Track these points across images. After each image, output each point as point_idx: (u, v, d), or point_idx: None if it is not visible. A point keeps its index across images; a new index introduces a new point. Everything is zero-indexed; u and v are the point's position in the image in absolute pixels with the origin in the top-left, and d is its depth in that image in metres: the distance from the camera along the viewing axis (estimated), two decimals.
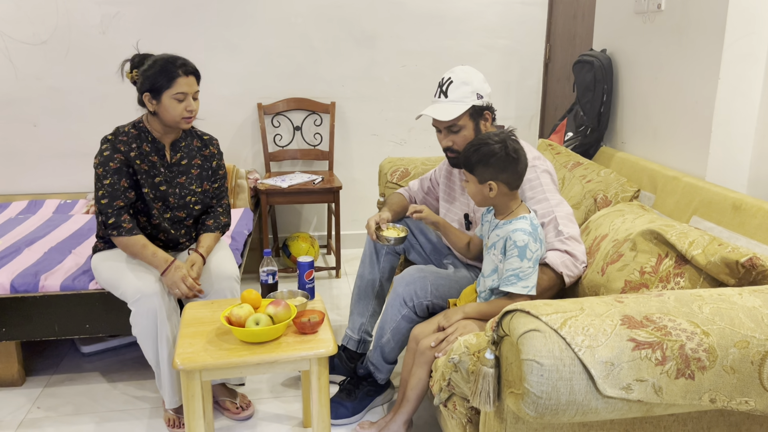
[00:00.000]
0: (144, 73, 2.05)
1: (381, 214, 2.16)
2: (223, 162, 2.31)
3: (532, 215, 1.79)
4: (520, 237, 1.71)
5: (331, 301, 3.16)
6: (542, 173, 1.95)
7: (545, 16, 3.74)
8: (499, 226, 1.79)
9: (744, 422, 1.37)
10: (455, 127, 1.97)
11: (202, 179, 2.24)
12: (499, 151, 1.70)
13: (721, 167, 2.06)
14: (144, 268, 2.08)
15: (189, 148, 2.23)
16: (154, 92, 2.04)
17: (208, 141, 2.28)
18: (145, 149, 2.13)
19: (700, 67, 2.07)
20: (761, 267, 1.41)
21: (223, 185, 2.31)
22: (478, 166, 1.73)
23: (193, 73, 2.09)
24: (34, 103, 3.37)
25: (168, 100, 2.04)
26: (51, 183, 3.49)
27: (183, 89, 2.04)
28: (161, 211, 2.16)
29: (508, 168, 1.72)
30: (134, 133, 2.13)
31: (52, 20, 3.28)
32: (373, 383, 2.18)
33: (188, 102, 2.07)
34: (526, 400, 1.17)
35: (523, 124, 3.90)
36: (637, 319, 1.22)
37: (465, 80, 1.97)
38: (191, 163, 2.22)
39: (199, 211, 2.25)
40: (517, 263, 1.71)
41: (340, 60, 3.61)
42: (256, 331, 1.70)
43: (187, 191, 2.20)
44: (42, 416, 2.20)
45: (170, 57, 2.07)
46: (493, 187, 1.74)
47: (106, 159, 2.07)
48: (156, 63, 2.05)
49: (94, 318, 2.25)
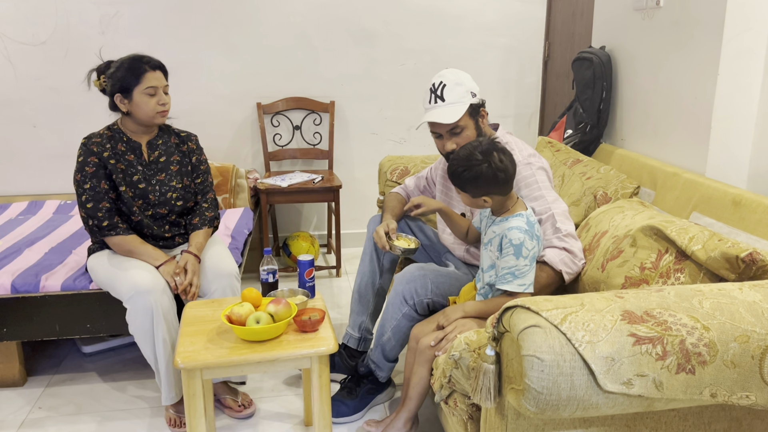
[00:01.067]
0: (111, 75, 2.09)
1: (389, 223, 2.14)
2: (204, 157, 2.32)
3: (528, 212, 1.78)
4: (516, 235, 1.71)
5: (332, 299, 3.17)
6: (537, 170, 1.95)
7: (544, 13, 3.74)
8: (495, 223, 1.79)
9: (745, 417, 1.37)
10: (458, 128, 1.97)
11: (182, 175, 2.25)
12: (486, 171, 1.69)
13: (720, 163, 2.06)
14: (138, 265, 2.08)
15: (167, 146, 2.24)
16: (125, 91, 2.07)
17: (185, 137, 2.29)
18: (120, 149, 2.15)
19: (700, 64, 2.07)
20: (761, 262, 1.41)
21: (206, 180, 2.31)
22: (468, 186, 1.75)
23: (159, 68, 2.11)
24: (34, 103, 3.37)
25: (139, 96, 2.07)
26: (51, 184, 3.49)
27: (152, 83, 2.07)
28: (142, 209, 2.17)
29: (497, 184, 1.73)
30: (108, 134, 2.16)
31: (51, 21, 3.28)
32: (374, 381, 2.18)
33: (160, 96, 2.10)
34: (527, 396, 1.18)
35: (523, 121, 3.91)
36: (637, 315, 1.22)
37: (457, 81, 1.97)
38: (170, 160, 2.23)
39: (182, 207, 2.24)
40: (513, 261, 1.71)
41: (339, 59, 3.61)
42: (257, 329, 1.70)
43: (167, 188, 2.20)
44: (43, 416, 2.20)
45: (134, 55, 2.11)
46: (487, 200, 1.76)
47: (81, 164, 2.09)
48: (122, 64, 2.09)
49: (95, 318, 2.25)
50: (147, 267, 2.08)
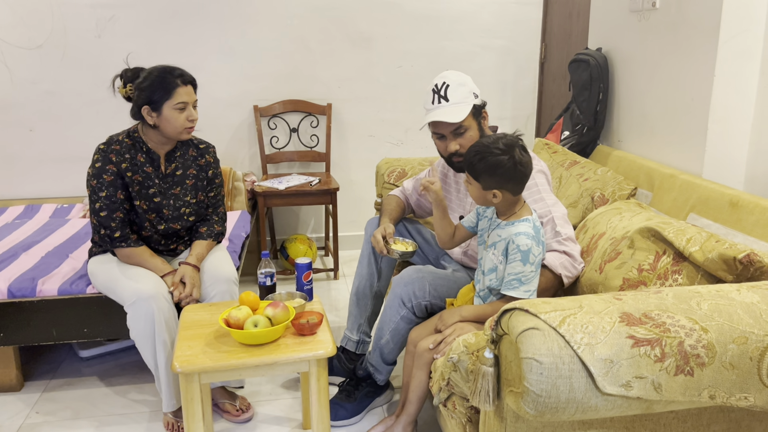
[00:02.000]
0: (140, 86, 2.03)
1: (386, 227, 2.13)
2: (219, 170, 2.30)
3: (534, 217, 1.75)
4: (524, 241, 1.68)
5: (330, 302, 3.16)
6: (537, 173, 1.95)
7: (540, 15, 3.75)
8: (501, 227, 1.76)
9: (744, 418, 1.37)
10: (461, 128, 1.96)
11: (197, 189, 2.23)
12: (506, 163, 1.65)
13: (717, 164, 2.06)
14: (141, 271, 2.08)
15: (184, 158, 2.21)
16: (154, 104, 2.02)
17: (204, 150, 2.26)
18: (140, 160, 2.11)
19: (696, 65, 2.08)
20: (759, 263, 1.42)
21: (219, 193, 2.30)
22: (483, 175, 1.68)
23: (191, 82, 2.08)
24: (30, 107, 3.36)
25: (169, 111, 2.02)
26: (47, 187, 3.48)
27: (183, 99, 2.03)
28: (155, 223, 2.15)
29: (514, 179, 1.68)
30: (128, 143, 2.11)
31: (47, 24, 3.27)
32: (373, 384, 2.18)
33: (189, 111, 2.06)
34: (526, 399, 1.17)
35: (520, 123, 3.91)
36: (635, 316, 1.22)
37: (460, 82, 1.96)
38: (186, 174, 2.21)
39: (193, 222, 2.24)
40: (520, 267, 1.69)
41: (336, 61, 3.61)
42: (255, 333, 1.69)
43: (181, 202, 2.19)
44: (41, 421, 2.19)
45: (166, 67, 2.05)
46: (497, 194, 1.70)
47: (99, 171, 2.06)
48: (152, 75, 2.03)
49: (92, 322, 2.24)
50: (149, 273, 2.08)
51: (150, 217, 2.14)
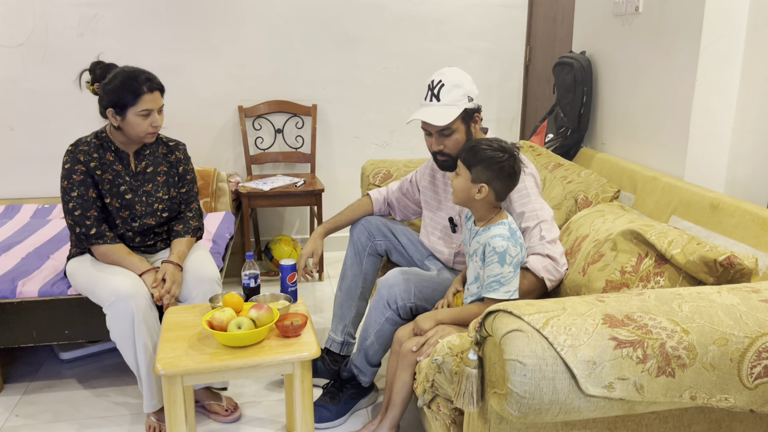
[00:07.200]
0: (105, 87, 2.01)
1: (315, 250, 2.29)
2: (190, 166, 2.28)
3: (510, 219, 1.79)
4: (499, 243, 1.71)
5: (314, 304, 3.15)
6: (526, 176, 1.95)
7: (525, 18, 3.77)
8: (479, 233, 1.79)
9: (724, 419, 1.39)
10: (448, 130, 1.96)
11: (169, 186, 2.22)
12: (504, 162, 1.72)
13: (699, 167, 2.08)
14: (119, 271, 2.05)
15: (154, 156, 2.20)
16: (118, 108, 2.01)
17: (173, 147, 2.25)
18: (108, 159, 2.11)
19: (678, 69, 2.10)
20: (739, 265, 1.43)
21: (191, 189, 2.28)
22: (479, 165, 1.73)
23: (158, 89, 2.05)
24: (11, 106, 3.32)
25: (133, 117, 2.01)
26: (28, 188, 3.43)
27: (148, 106, 2.01)
28: (128, 220, 2.14)
29: (503, 180, 1.74)
30: (96, 143, 2.11)
31: (28, 22, 3.23)
32: (357, 386, 2.18)
33: (153, 118, 2.04)
34: (510, 400, 1.18)
35: (504, 125, 3.93)
36: (618, 318, 1.23)
37: (456, 83, 1.95)
38: (157, 171, 2.20)
39: (167, 218, 2.22)
40: (498, 269, 1.71)
41: (321, 62, 3.61)
42: (239, 335, 1.68)
43: (153, 198, 2.17)
44: (21, 424, 2.16)
45: (133, 71, 2.02)
46: (482, 190, 1.74)
47: (68, 172, 2.05)
48: (118, 78, 2.00)
49: (73, 324, 2.22)
50: (128, 272, 2.06)
51: (123, 215, 2.13)
